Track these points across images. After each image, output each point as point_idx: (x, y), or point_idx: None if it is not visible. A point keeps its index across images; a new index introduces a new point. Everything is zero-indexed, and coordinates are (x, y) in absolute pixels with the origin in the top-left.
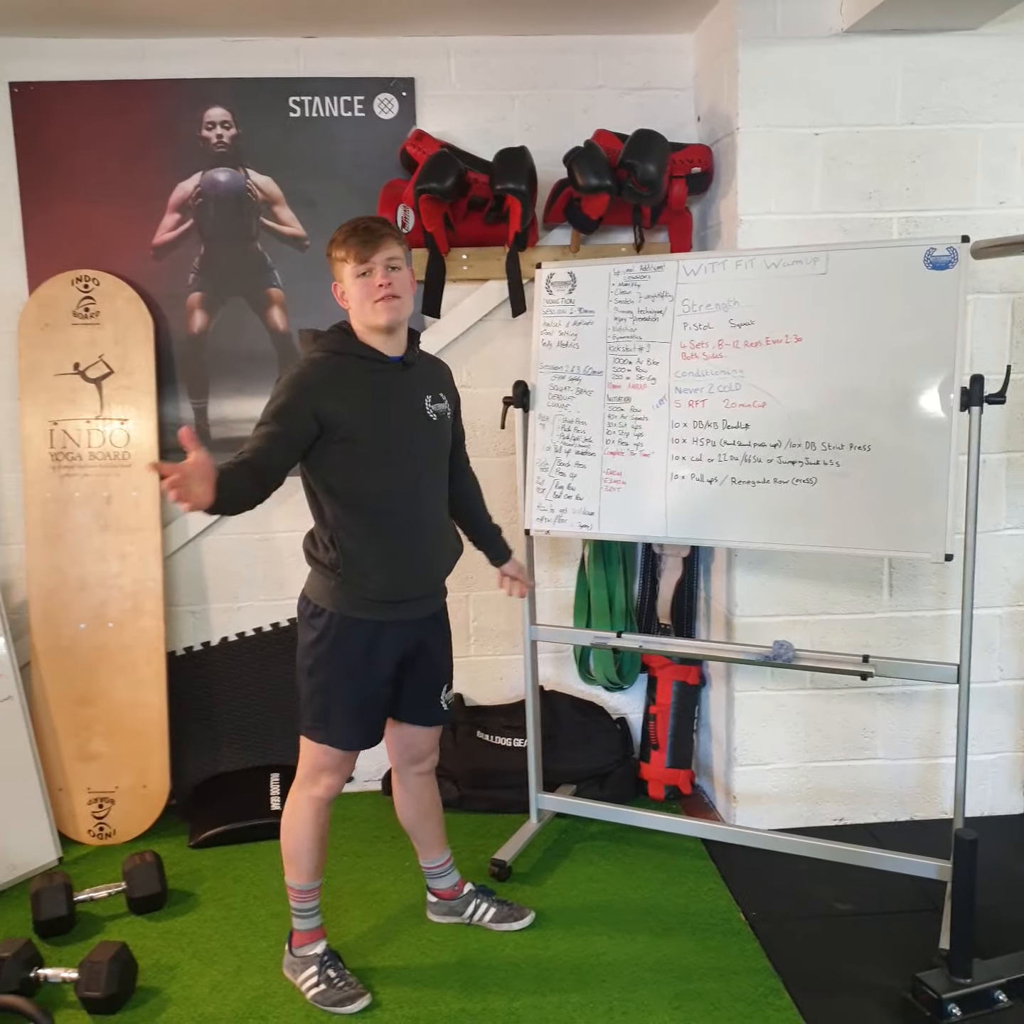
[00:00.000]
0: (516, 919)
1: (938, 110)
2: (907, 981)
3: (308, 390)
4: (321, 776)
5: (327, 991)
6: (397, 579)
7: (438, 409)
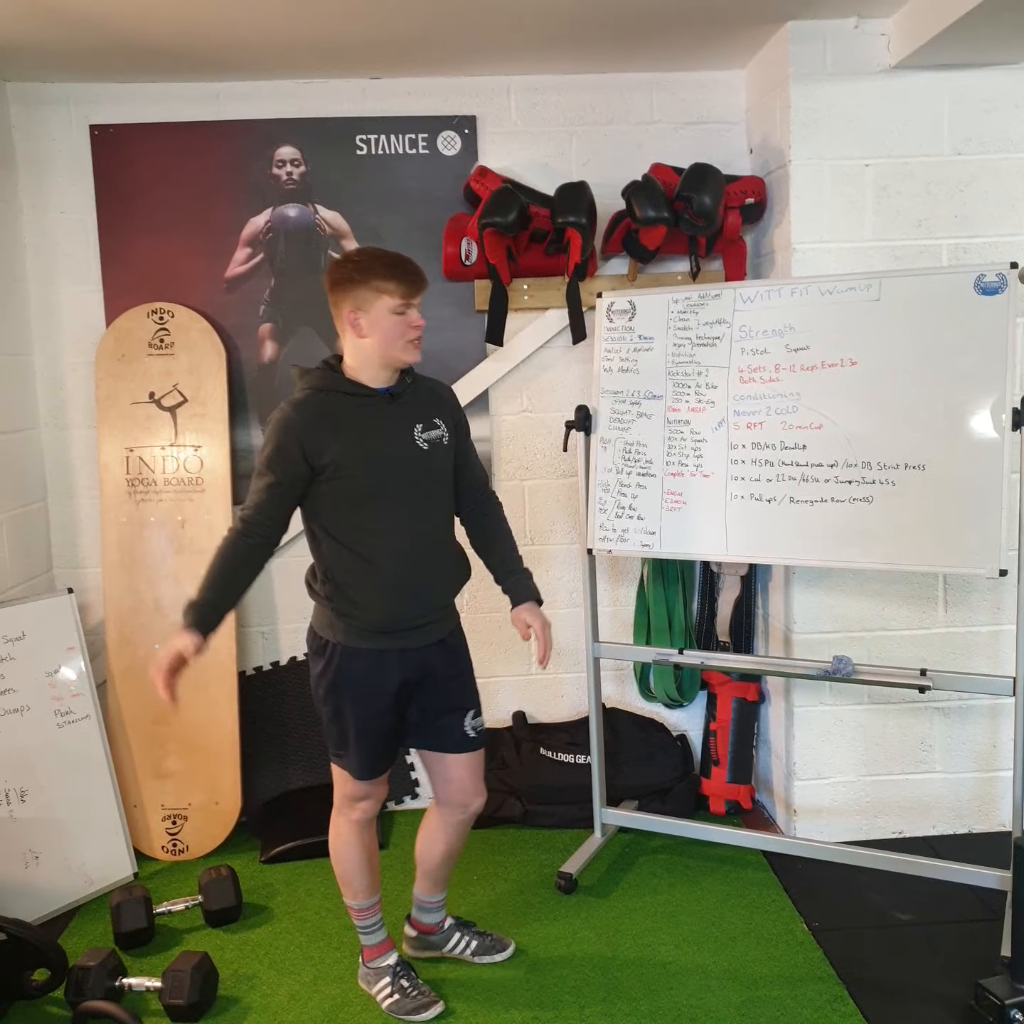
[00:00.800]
0: (498, 951)
1: (984, 140)
2: (969, 988)
3: (294, 434)
4: (354, 802)
5: (401, 1000)
6: (392, 609)
7: (430, 437)
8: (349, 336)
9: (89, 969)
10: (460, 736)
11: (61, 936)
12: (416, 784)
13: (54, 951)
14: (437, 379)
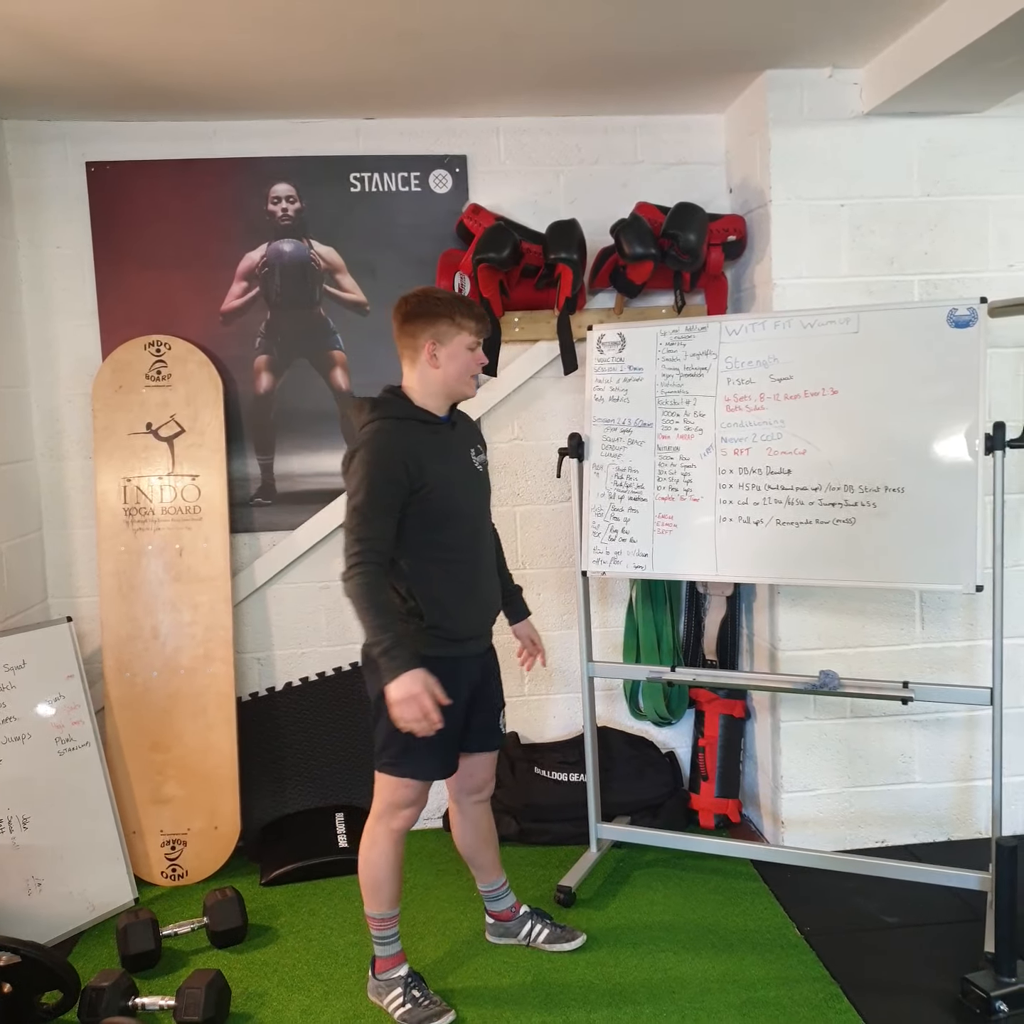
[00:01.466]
0: (568, 940)
1: (952, 183)
2: (956, 983)
3: (399, 456)
4: (399, 810)
5: (413, 1010)
6: (469, 618)
7: (481, 461)
8: (420, 366)
9: (103, 989)
10: (496, 733)
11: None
12: None
13: (68, 972)
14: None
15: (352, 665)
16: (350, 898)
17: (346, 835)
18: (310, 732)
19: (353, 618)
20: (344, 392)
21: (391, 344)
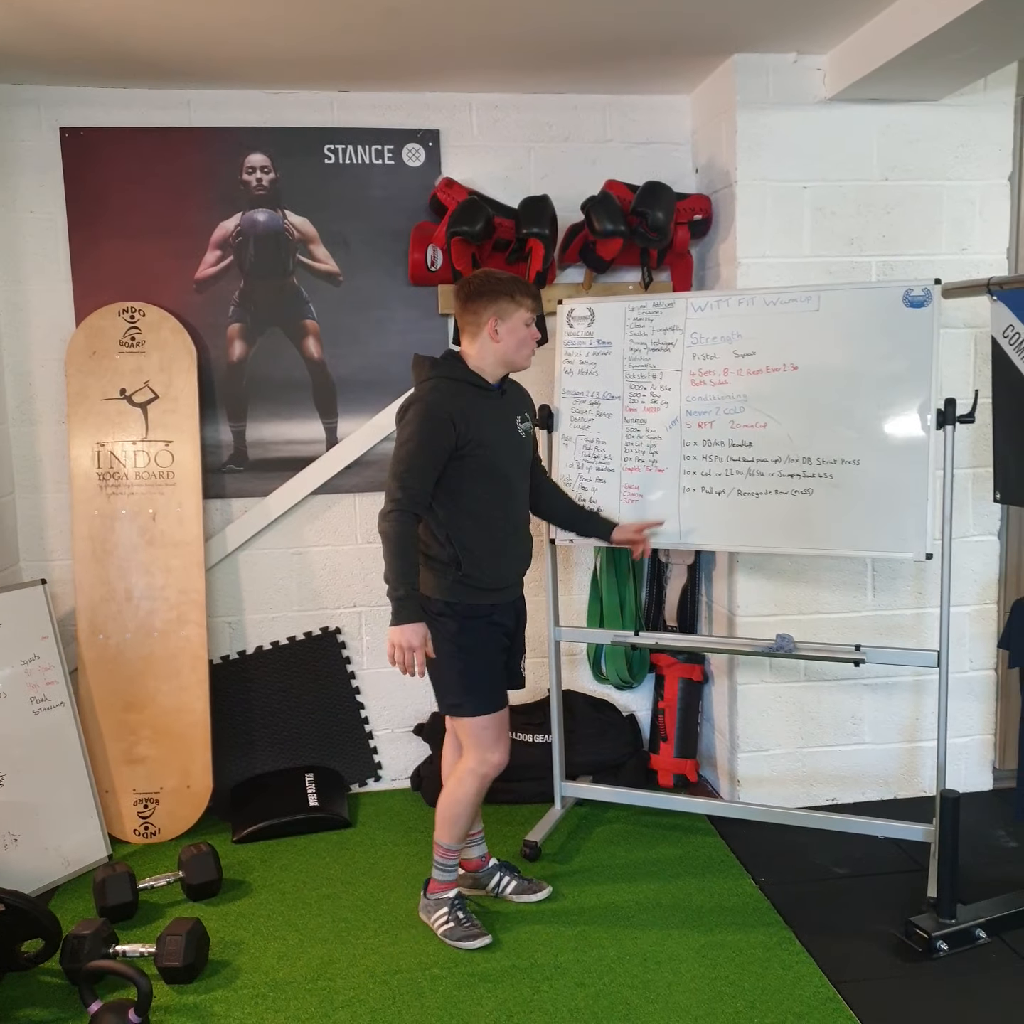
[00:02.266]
0: (534, 892)
1: (908, 168)
2: (900, 927)
3: (446, 411)
4: (488, 754)
5: (455, 928)
6: (503, 568)
7: (525, 428)
8: (482, 339)
9: (84, 937)
10: (517, 675)
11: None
12: (379, 767)
13: (51, 921)
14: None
15: (322, 630)
16: (321, 855)
17: (316, 795)
18: (280, 695)
19: (324, 583)
20: (316, 361)
21: (363, 313)
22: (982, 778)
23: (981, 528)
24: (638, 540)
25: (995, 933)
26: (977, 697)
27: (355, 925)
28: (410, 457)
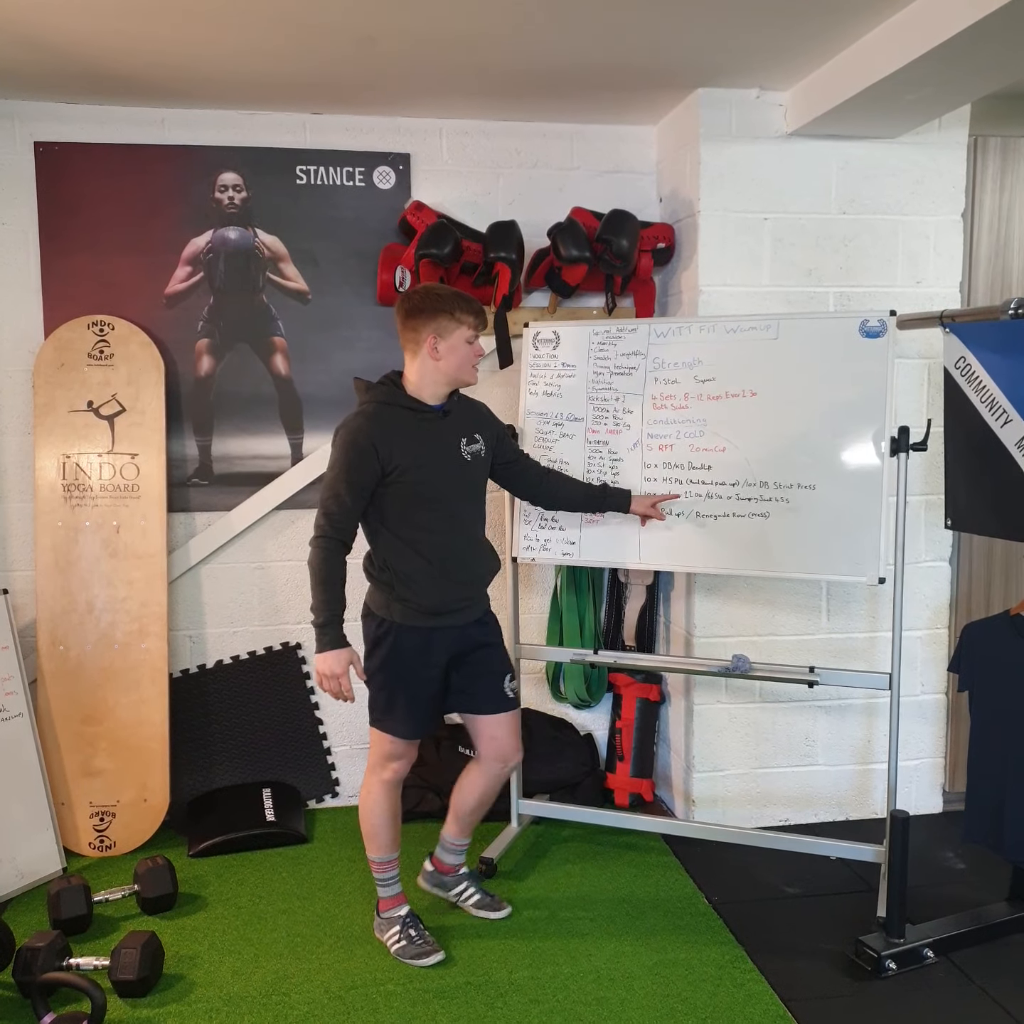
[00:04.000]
0: (494, 910)
1: (866, 203)
2: (850, 946)
3: (370, 439)
4: (388, 762)
5: (407, 946)
6: (440, 594)
7: (472, 450)
8: (421, 357)
9: (38, 949)
10: (500, 696)
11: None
12: (336, 783)
13: (3, 932)
14: (477, 399)
15: (283, 645)
16: (277, 869)
17: (273, 809)
18: (240, 709)
19: (286, 598)
20: (283, 377)
21: (330, 332)
22: (932, 800)
23: (933, 554)
24: (654, 515)
25: (943, 953)
26: (928, 720)
27: (310, 940)
28: (334, 484)
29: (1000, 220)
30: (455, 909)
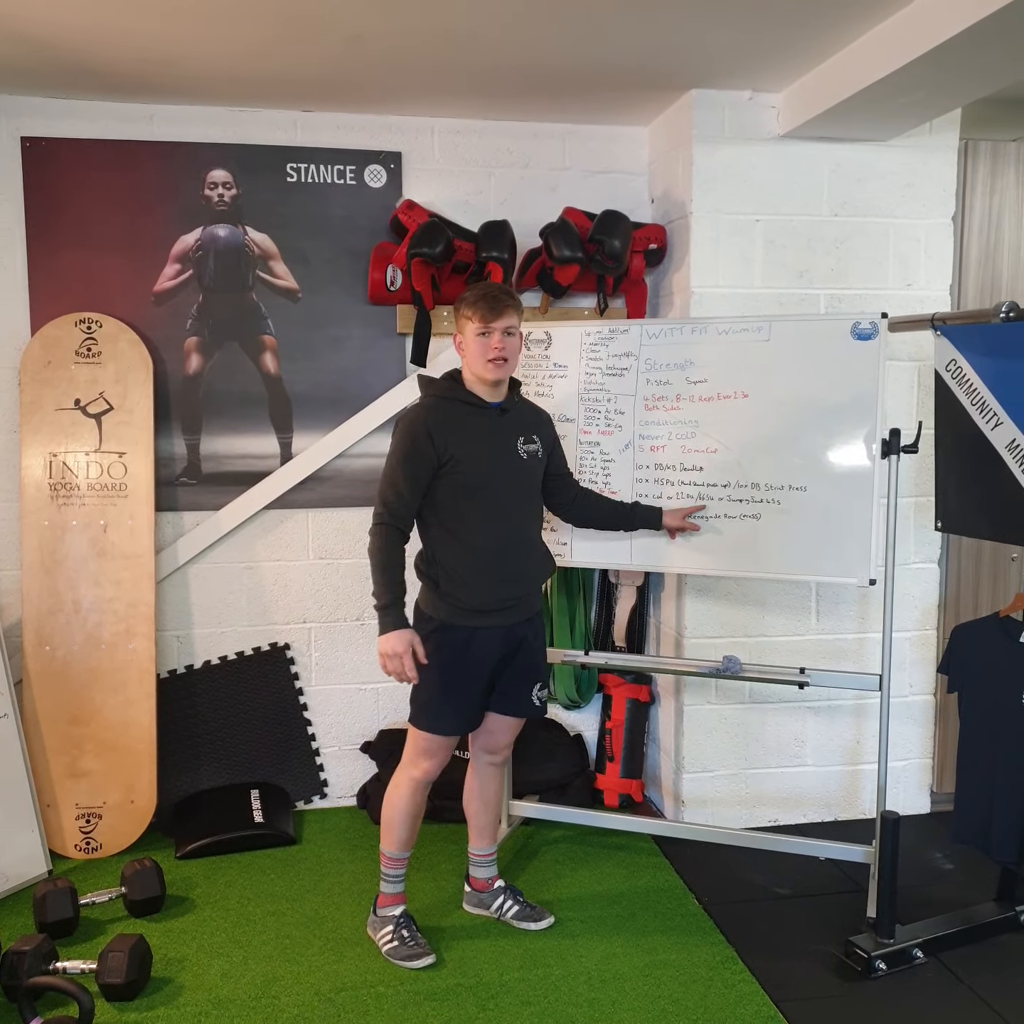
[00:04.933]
0: (535, 920)
1: (857, 205)
2: (840, 946)
3: (427, 430)
4: (420, 760)
5: (399, 947)
6: (486, 591)
7: (529, 449)
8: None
9: (24, 953)
10: (528, 703)
11: None
12: (325, 784)
13: None
14: (539, 406)
15: (271, 645)
16: (266, 871)
17: (262, 811)
18: (227, 710)
19: (275, 598)
20: (273, 376)
21: (321, 330)
22: (920, 801)
23: (922, 556)
24: (687, 527)
25: (932, 953)
26: (916, 721)
27: (300, 942)
28: (391, 472)
29: (990, 224)
30: (453, 911)
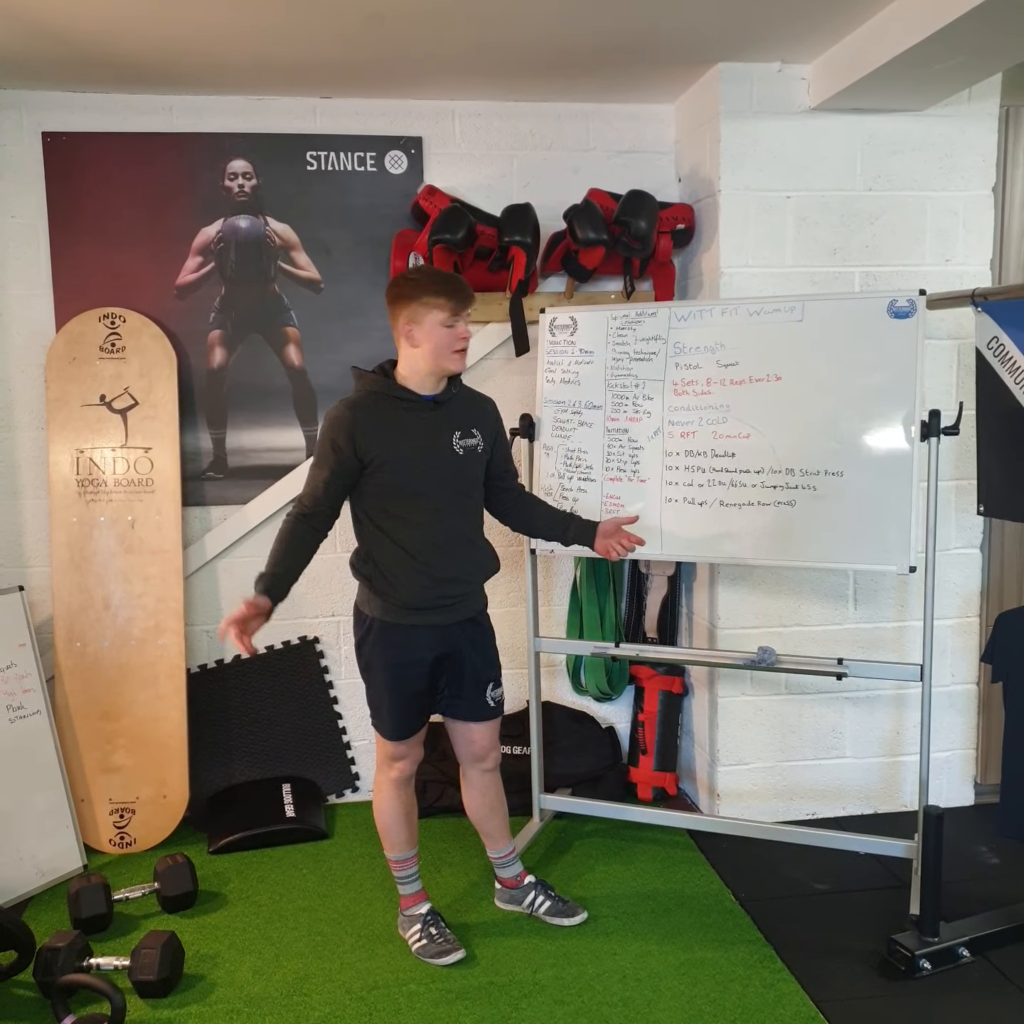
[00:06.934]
0: (568, 915)
1: (893, 179)
2: (882, 944)
3: (347, 429)
4: (392, 761)
5: (428, 945)
6: (421, 590)
7: (466, 444)
8: (403, 346)
9: (58, 950)
10: (482, 705)
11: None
12: (356, 778)
13: (24, 932)
14: (483, 393)
15: (300, 639)
16: (298, 866)
17: (293, 805)
18: (258, 704)
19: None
20: (297, 368)
21: (344, 321)
22: (964, 793)
23: (964, 541)
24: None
25: (979, 952)
26: (959, 711)
27: (331, 939)
28: (311, 473)
29: None
30: (484, 905)
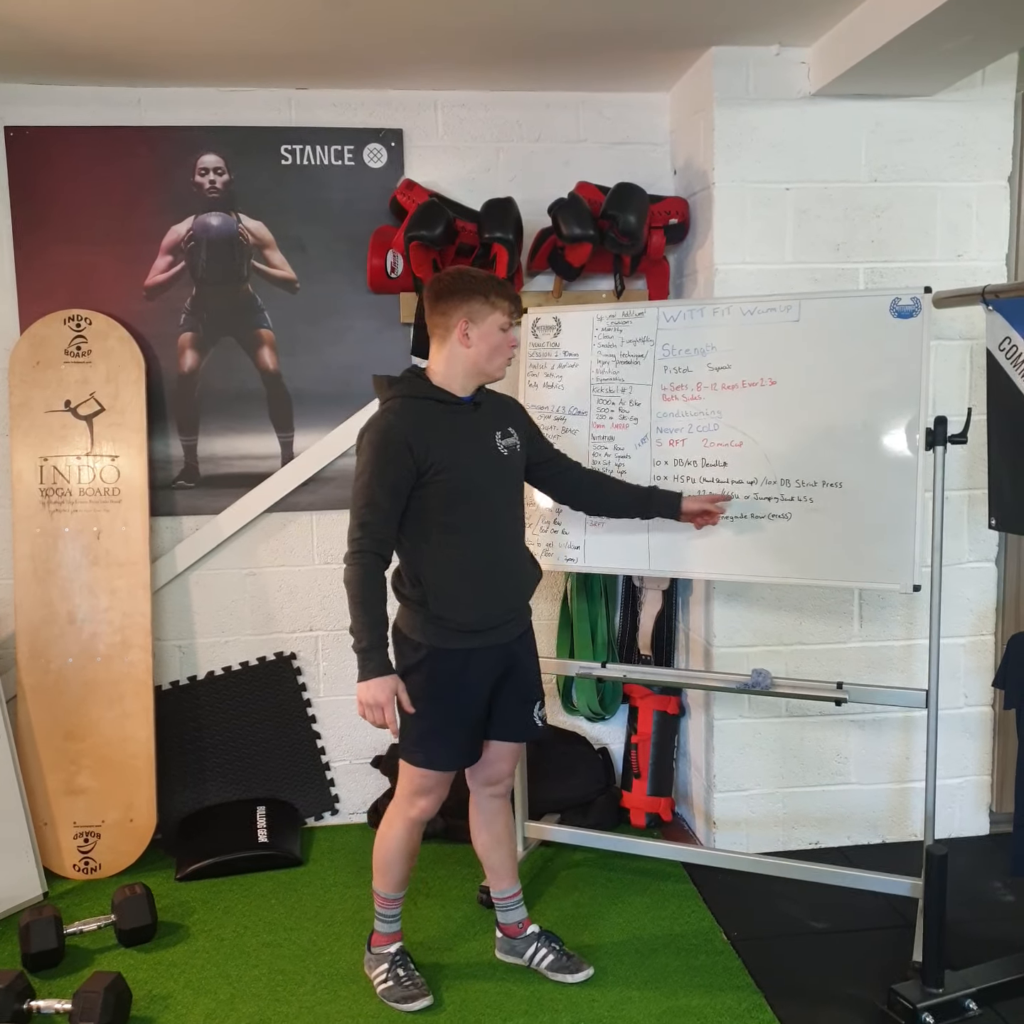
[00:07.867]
0: (571, 972)
1: (900, 169)
2: (882, 993)
3: (403, 437)
4: (417, 798)
5: (393, 987)
6: (481, 608)
7: (508, 444)
8: (451, 344)
9: None
10: (530, 725)
11: None
12: (336, 800)
13: None
14: (504, 393)
15: (276, 655)
16: (267, 896)
17: (267, 829)
18: (233, 723)
19: (279, 605)
20: (271, 372)
21: (321, 323)
22: (978, 822)
23: (977, 554)
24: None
25: (987, 1003)
26: (972, 735)
27: (293, 978)
28: (366, 491)
29: None
30: (460, 944)
